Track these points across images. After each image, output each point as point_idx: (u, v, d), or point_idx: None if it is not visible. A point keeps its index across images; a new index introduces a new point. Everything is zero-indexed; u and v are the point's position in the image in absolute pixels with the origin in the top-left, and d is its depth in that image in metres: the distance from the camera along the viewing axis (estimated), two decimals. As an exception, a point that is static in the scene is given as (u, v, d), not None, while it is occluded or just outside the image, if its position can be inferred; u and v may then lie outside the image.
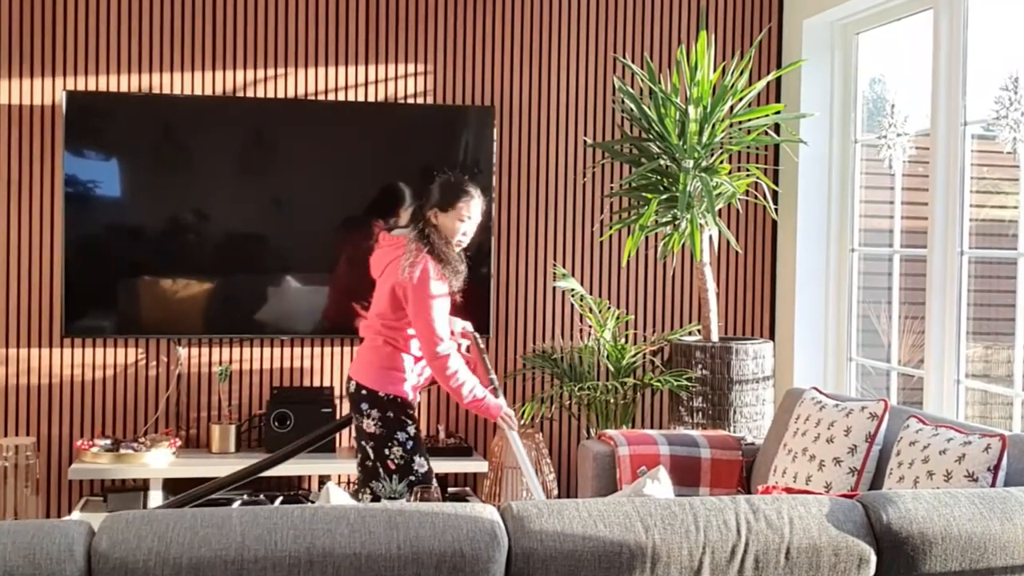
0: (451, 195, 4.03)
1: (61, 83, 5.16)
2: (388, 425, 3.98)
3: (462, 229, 4.04)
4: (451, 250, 3.99)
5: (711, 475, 4.21)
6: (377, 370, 4.00)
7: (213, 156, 5.27)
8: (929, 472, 3.24)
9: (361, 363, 4.06)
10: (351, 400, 4.06)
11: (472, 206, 4.05)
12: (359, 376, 4.03)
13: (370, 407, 3.99)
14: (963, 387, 4.55)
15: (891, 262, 5.14)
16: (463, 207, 4.02)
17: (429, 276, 3.89)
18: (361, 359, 4.08)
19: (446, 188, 4.06)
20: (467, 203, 4.03)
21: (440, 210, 4.02)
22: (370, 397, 3.99)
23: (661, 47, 5.64)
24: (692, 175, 4.81)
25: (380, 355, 4.02)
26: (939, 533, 2.44)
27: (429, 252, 3.93)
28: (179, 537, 2.14)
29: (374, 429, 3.98)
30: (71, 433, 5.24)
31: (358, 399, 4.02)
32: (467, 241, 4.09)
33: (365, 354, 4.07)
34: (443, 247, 3.96)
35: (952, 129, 4.55)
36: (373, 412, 3.98)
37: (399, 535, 2.20)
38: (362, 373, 4.02)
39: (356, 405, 4.02)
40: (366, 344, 4.10)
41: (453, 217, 4.01)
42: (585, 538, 2.28)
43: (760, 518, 2.38)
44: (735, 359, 4.86)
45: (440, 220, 4.02)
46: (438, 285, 3.90)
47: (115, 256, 5.21)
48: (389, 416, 3.98)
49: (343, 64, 5.39)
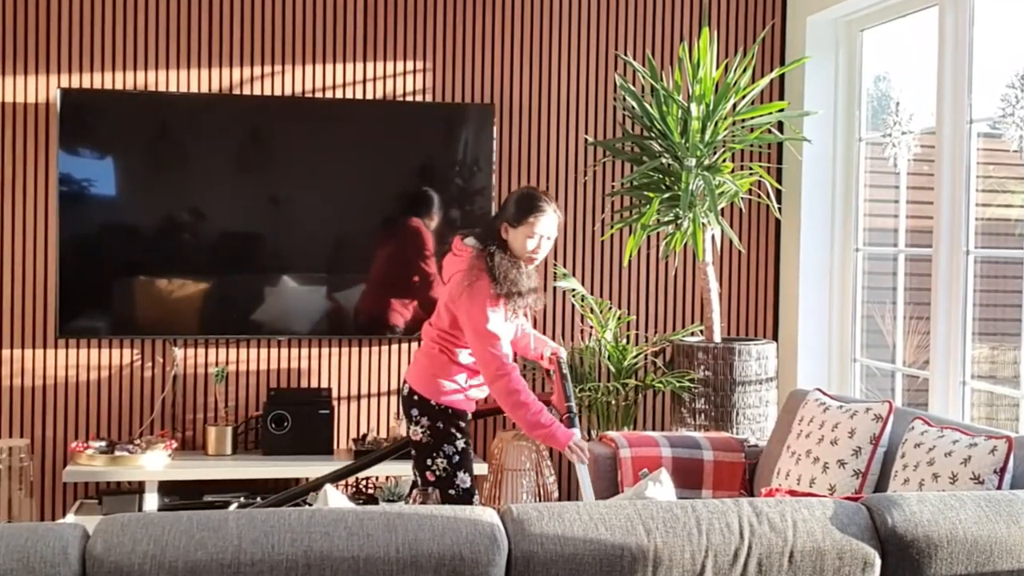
0: (523, 209, 3.82)
1: (55, 80, 5.16)
2: (436, 435, 3.86)
3: (531, 246, 3.82)
4: (517, 269, 3.79)
5: (713, 477, 4.21)
6: (430, 377, 3.88)
7: (209, 154, 5.27)
8: (934, 474, 3.24)
9: (416, 368, 3.95)
10: (403, 404, 3.96)
11: (543, 221, 3.82)
12: (413, 381, 3.92)
13: (420, 414, 3.88)
14: (969, 388, 4.55)
15: (896, 262, 5.14)
16: (534, 222, 3.80)
17: (480, 300, 3.73)
18: (417, 364, 3.96)
19: (520, 201, 3.85)
20: (538, 218, 3.81)
21: (511, 225, 3.82)
22: (421, 404, 3.88)
23: (663, 44, 5.64)
24: (694, 174, 4.81)
25: (435, 363, 3.90)
26: (945, 536, 2.44)
27: (488, 272, 3.75)
28: (175, 540, 2.14)
29: (420, 437, 3.87)
30: (65, 435, 5.24)
31: (409, 404, 3.91)
32: (539, 259, 3.88)
33: (421, 359, 3.95)
34: (507, 265, 3.77)
35: (958, 127, 4.54)
36: (423, 420, 3.87)
37: (398, 538, 2.20)
38: (416, 378, 3.92)
39: (407, 410, 3.93)
40: (423, 349, 3.97)
41: (523, 233, 3.81)
42: (586, 541, 2.28)
43: (763, 521, 2.38)
44: (738, 360, 4.86)
45: (510, 235, 3.82)
46: (491, 309, 3.73)
47: (110, 256, 5.20)
48: (439, 427, 3.87)
49: (341, 61, 5.39)
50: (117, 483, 5.13)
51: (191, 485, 5.08)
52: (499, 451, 5.25)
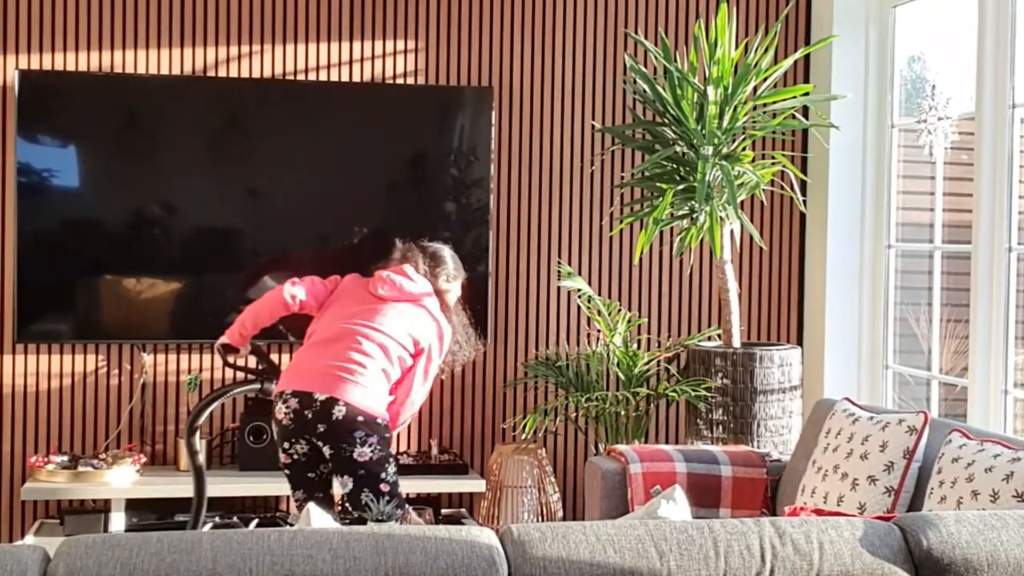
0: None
1: (13, 61, 5.16)
2: (386, 446, 4.08)
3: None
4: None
5: (732, 495, 4.22)
6: (377, 395, 4.13)
7: (182, 142, 5.27)
8: (974, 492, 3.24)
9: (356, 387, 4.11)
10: (343, 427, 4.03)
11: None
12: (356, 401, 4.07)
13: (367, 435, 4.05)
14: (1011, 397, 4.56)
15: (932, 259, 5.14)
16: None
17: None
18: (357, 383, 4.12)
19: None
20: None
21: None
22: (368, 424, 4.06)
23: (677, 22, 5.64)
24: (711, 163, 4.81)
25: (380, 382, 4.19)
26: (985, 559, 2.44)
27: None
28: (144, 564, 2.14)
29: (371, 455, 4.03)
30: (24, 449, 5.24)
31: (352, 427, 4.04)
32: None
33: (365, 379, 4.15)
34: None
35: (999, 112, 4.55)
36: (371, 439, 4.04)
37: (387, 561, 2.20)
38: (359, 397, 4.08)
39: (348, 433, 4.03)
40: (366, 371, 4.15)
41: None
42: (593, 565, 2.28)
43: (787, 543, 2.38)
44: (759, 367, 4.87)
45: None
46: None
47: (73, 253, 5.21)
48: (386, 438, 4.09)
49: (325, 40, 5.39)
50: (80, 501, 5.13)
51: (161, 503, 5.08)
52: (498, 467, 5.26)
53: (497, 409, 5.53)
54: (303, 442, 4.08)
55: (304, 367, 4.15)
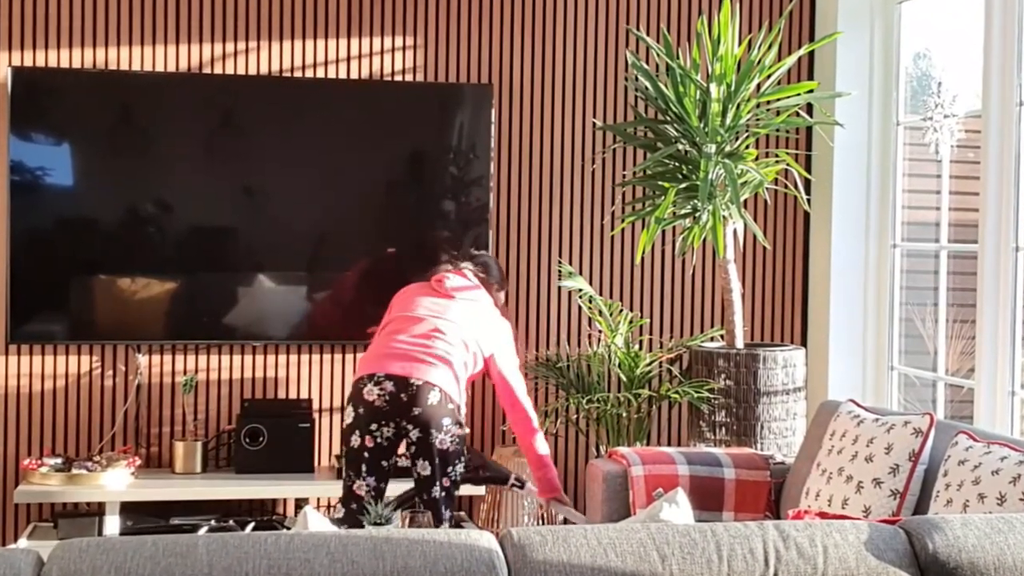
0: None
1: (6, 58, 5.16)
2: (461, 442, 4.29)
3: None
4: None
5: (735, 498, 4.22)
6: (460, 387, 4.33)
7: (177, 140, 5.27)
8: (980, 495, 3.24)
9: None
10: (435, 412, 4.21)
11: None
12: (449, 389, 4.28)
13: (452, 423, 4.23)
14: (1018, 399, 4.56)
15: (938, 259, 5.14)
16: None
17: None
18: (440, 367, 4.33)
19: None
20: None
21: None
22: (453, 413, 4.24)
23: (680, 18, 5.64)
24: (714, 161, 4.81)
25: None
26: (992, 563, 2.44)
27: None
28: (139, 568, 2.14)
29: (448, 445, 4.22)
30: (17, 451, 5.24)
31: (443, 414, 4.22)
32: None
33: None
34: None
35: (1006, 110, 4.55)
36: (453, 429, 4.23)
37: (385, 565, 2.20)
38: (450, 386, 4.28)
39: (438, 419, 4.21)
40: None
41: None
42: (594, 569, 2.28)
43: (791, 546, 2.38)
44: (762, 368, 4.87)
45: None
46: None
47: (67, 252, 5.21)
48: (462, 435, 4.31)
49: (322, 37, 5.39)
50: (74, 504, 5.13)
51: (156, 506, 5.08)
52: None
53: (497, 411, 5.53)
54: (392, 425, 4.23)
55: (391, 351, 4.30)
